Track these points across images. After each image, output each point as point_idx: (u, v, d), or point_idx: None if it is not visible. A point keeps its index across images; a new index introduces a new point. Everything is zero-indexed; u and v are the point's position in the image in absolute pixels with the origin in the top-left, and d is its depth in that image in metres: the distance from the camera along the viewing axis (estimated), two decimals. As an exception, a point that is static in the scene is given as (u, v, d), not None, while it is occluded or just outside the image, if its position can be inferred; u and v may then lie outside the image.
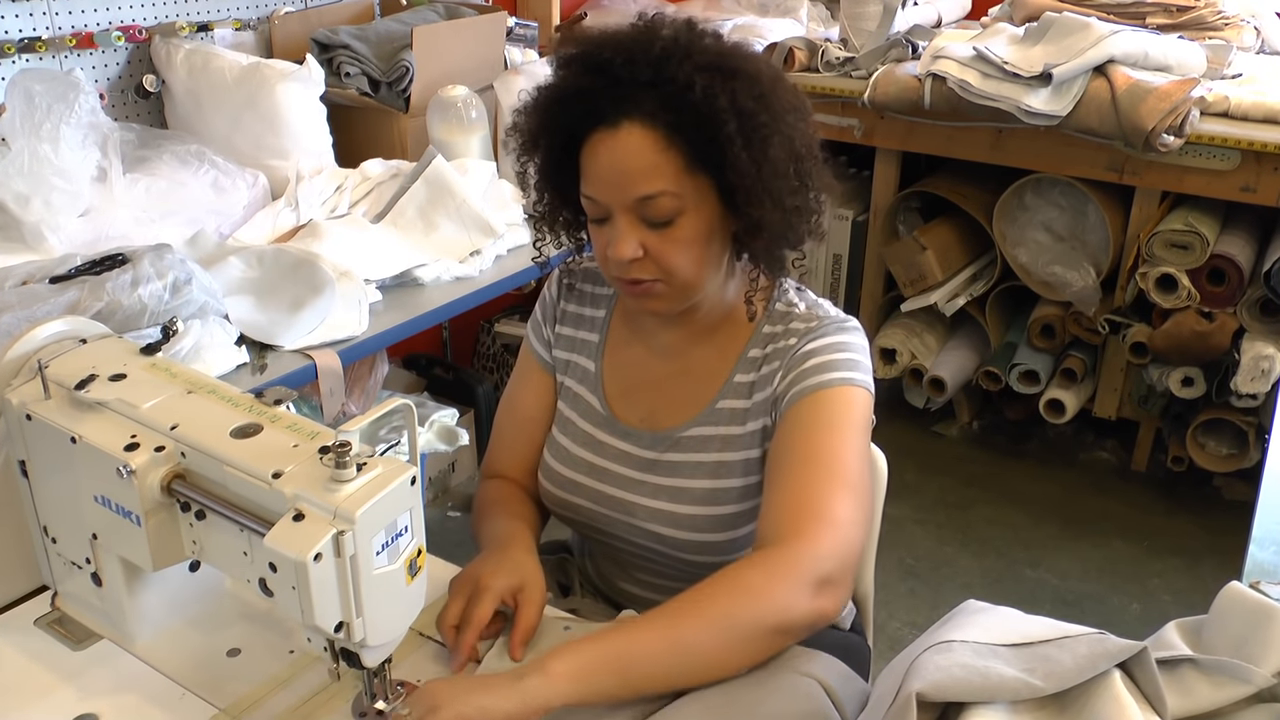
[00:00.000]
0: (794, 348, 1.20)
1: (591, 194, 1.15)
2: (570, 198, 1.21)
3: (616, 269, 1.16)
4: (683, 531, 1.23)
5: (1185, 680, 0.87)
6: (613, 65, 1.10)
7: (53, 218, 1.94)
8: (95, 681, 1.09)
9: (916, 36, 3.18)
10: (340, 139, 2.49)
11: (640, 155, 1.10)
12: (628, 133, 1.10)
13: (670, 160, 1.10)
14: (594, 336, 1.34)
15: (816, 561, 1.03)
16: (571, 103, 1.13)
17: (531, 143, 1.20)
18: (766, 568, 1.03)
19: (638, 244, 1.13)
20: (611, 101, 1.10)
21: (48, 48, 2.20)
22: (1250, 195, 2.65)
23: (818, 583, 1.03)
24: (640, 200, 1.11)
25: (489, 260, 2.21)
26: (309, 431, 0.98)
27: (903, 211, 3.28)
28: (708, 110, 1.08)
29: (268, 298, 1.89)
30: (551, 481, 1.34)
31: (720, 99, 1.08)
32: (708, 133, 1.09)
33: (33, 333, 1.12)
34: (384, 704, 1.02)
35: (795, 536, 1.05)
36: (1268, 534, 1.34)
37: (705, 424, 1.24)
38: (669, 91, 1.08)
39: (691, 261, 1.15)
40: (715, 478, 1.23)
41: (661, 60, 1.09)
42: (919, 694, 0.80)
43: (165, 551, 1.03)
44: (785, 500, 1.10)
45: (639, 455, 1.27)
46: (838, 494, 1.08)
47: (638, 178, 1.10)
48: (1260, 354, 2.64)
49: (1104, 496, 3.07)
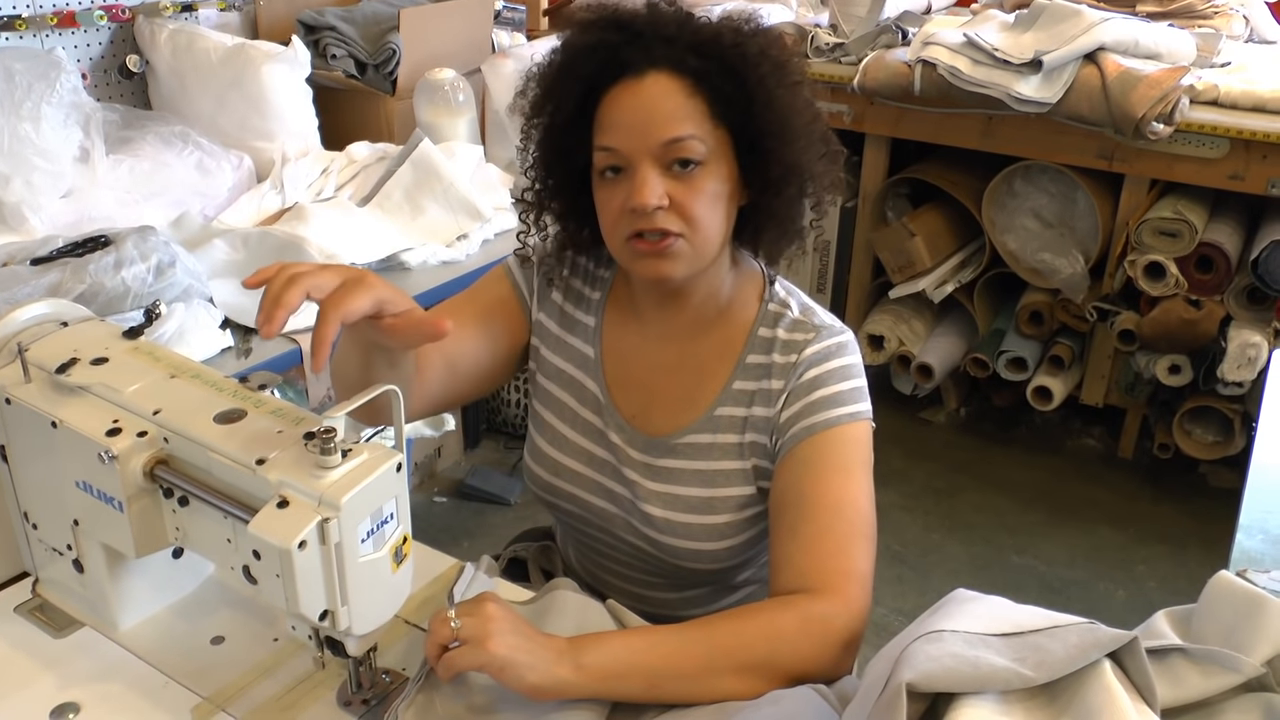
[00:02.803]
0: (796, 368, 1.18)
1: (612, 144, 1.11)
2: (571, 169, 1.18)
3: (636, 221, 1.11)
4: (676, 539, 1.21)
5: (1175, 669, 0.87)
6: (636, 21, 1.11)
7: (34, 198, 1.92)
8: (76, 670, 1.07)
9: (906, 22, 3.17)
10: (326, 121, 2.47)
11: (668, 98, 1.10)
12: (654, 80, 1.10)
13: (697, 106, 1.10)
14: (591, 319, 1.29)
15: (849, 623, 1.04)
16: (594, 56, 1.12)
17: (545, 100, 1.17)
18: (804, 621, 1.04)
19: (663, 191, 1.10)
20: (638, 51, 1.10)
21: (28, 26, 2.18)
22: (1238, 183, 2.65)
23: (847, 645, 1.04)
24: (667, 144, 1.09)
25: (476, 244, 2.20)
26: (294, 417, 0.96)
27: (892, 198, 3.27)
28: (738, 56, 1.09)
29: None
30: (545, 468, 1.30)
31: (751, 45, 1.10)
32: (736, 80, 1.09)
33: (13, 315, 1.11)
34: (368, 693, 1.01)
35: (829, 592, 1.06)
36: (1254, 522, 1.34)
37: (703, 431, 1.22)
38: (697, 40, 1.10)
39: (712, 214, 1.13)
40: (712, 486, 1.21)
41: (687, 16, 1.12)
42: (909, 684, 0.79)
43: (148, 538, 1.02)
44: (813, 551, 1.09)
45: (634, 457, 1.24)
46: (859, 546, 1.10)
47: (667, 120, 1.09)
48: (1247, 342, 2.65)
49: (1091, 483, 3.08)
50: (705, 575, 1.26)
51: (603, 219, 1.16)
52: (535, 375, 1.32)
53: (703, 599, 1.31)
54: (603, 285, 1.30)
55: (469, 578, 1.12)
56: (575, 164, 1.17)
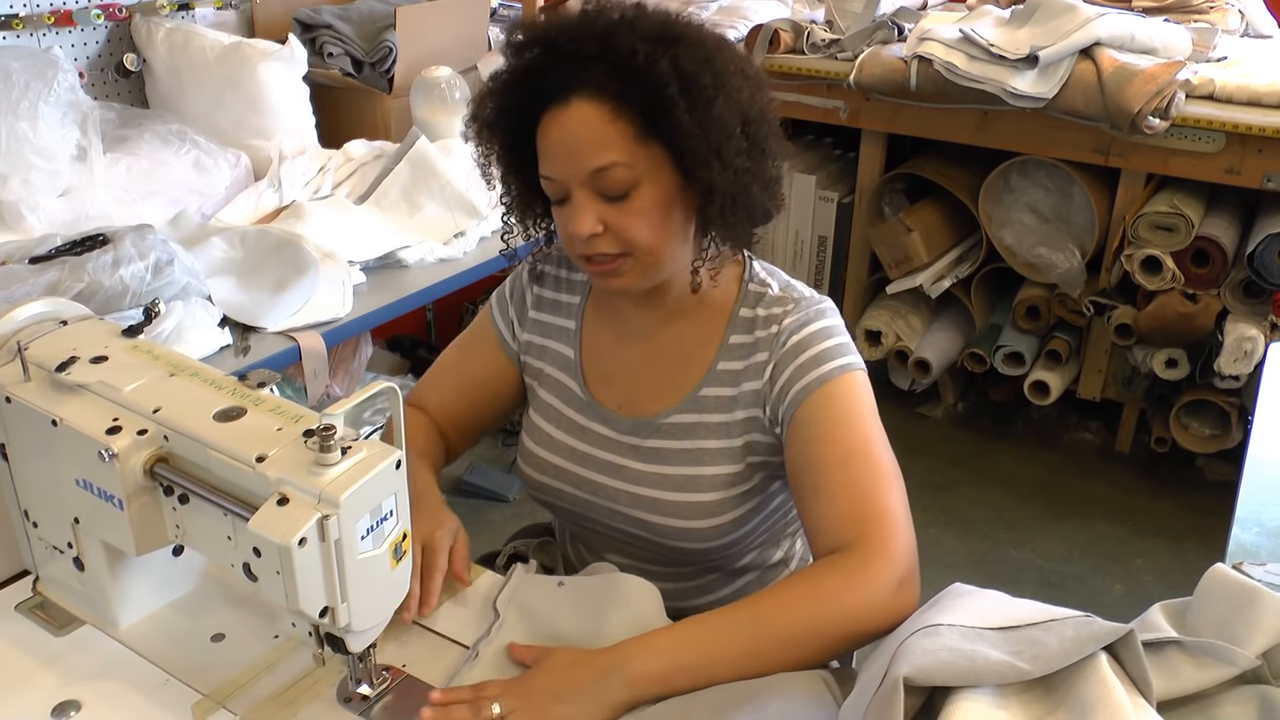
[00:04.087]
0: (778, 337, 1.20)
1: (548, 173, 1.14)
2: (534, 184, 1.20)
3: (579, 246, 1.15)
4: (665, 518, 1.23)
5: (1171, 662, 0.87)
6: (559, 43, 1.11)
7: (31, 197, 1.92)
8: (77, 667, 1.08)
9: (902, 18, 3.17)
10: (323, 119, 2.47)
11: (590, 127, 1.10)
12: (577, 108, 1.10)
13: (620, 131, 1.10)
14: (570, 323, 1.33)
15: (891, 563, 1.04)
16: (522, 84, 1.14)
17: (489, 130, 1.20)
18: (845, 576, 1.04)
19: (596, 219, 1.12)
20: (560, 78, 1.11)
21: (25, 25, 2.17)
22: (1234, 177, 2.66)
23: (900, 584, 1.04)
24: (594, 173, 1.11)
25: (473, 242, 2.20)
26: (293, 415, 0.97)
27: (888, 193, 3.27)
28: (650, 75, 1.08)
29: (250, 279, 1.88)
30: (533, 466, 1.34)
31: (662, 63, 1.08)
32: (653, 99, 1.09)
33: (12, 314, 1.11)
34: (368, 688, 1.02)
35: (864, 540, 1.06)
36: (1250, 515, 1.35)
37: (688, 411, 1.24)
38: (614, 61, 1.09)
39: (652, 232, 1.14)
40: (698, 464, 1.23)
41: (607, 34, 1.11)
42: (906, 678, 0.80)
43: (148, 536, 1.02)
44: (838, 504, 1.10)
45: (620, 441, 1.27)
46: (885, 487, 1.10)
47: (589, 150, 1.10)
48: (1243, 335, 2.65)
49: (1087, 477, 3.08)
50: (699, 556, 1.27)
51: (561, 238, 1.20)
52: (530, 386, 1.37)
53: (706, 587, 1.32)
54: (581, 289, 1.34)
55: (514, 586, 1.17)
56: (531, 182, 1.20)
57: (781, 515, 1.32)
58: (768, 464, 1.23)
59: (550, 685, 0.99)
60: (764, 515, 1.28)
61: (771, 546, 1.35)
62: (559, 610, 1.12)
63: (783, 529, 1.35)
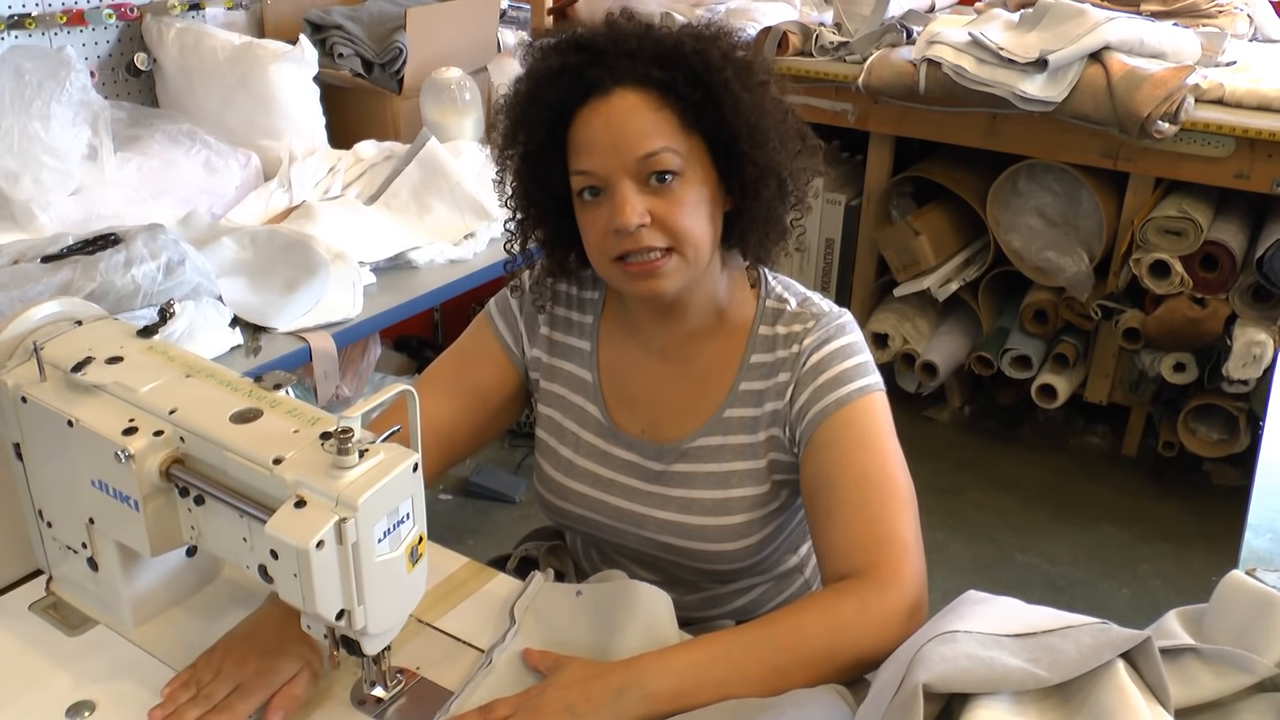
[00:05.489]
0: (799, 356, 1.18)
1: (587, 166, 1.11)
2: (550, 196, 1.18)
3: (622, 242, 1.11)
4: (694, 542, 1.22)
5: (1188, 670, 0.87)
6: (597, 40, 1.11)
7: (43, 196, 1.92)
8: (91, 668, 1.08)
9: (911, 21, 3.17)
10: (333, 120, 2.48)
11: (638, 113, 1.09)
12: (621, 97, 1.10)
13: (667, 118, 1.10)
14: (585, 344, 1.29)
15: (904, 592, 1.04)
16: (559, 81, 1.12)
17: (516, 130, 1.17)
18: (860, 603, 1.04)
19: (643, 209, 1.09)
20: (602, 70, 1.10)
21: (38, 24, 2.18)
22: (1244, 182, 2.65)
23: (910, 615, 1.04)
24: (643, 159, 1.09)
25: (483, 243, 2.20)
26: (309, 417, 0.97)
27: (896, 196, 3.27)
28: (701, 63, 1.09)
29: (261, 279, 1.88)
30: (553, 493, 1.31)
31: (713, 51, 1.10)
32: (702, 87, 1.09)
33: (28, 313, 1.11)
34: (382, 690, 1.02)
35: (875, 569, 1.06)
36: (1263, 521, 1.34)
37: (713, 434, 1.22)
38: (659, 52, 1.09)
39: (699, 222, 1.12)
40: (725, 487, 1.21)
41: (644, 30, 1.11)
42: (925, 685, 0.80)
43: (163, 536, 1.02)
44: (851, 530, 1.09)
45: (645, 466, 1.25)
46: (898, 513, 1.09)
47: (639, 136, 1.09)
48: (1252, 340, 2.65)
49: (1094, 482, 3.08)
50: (723, 576, 1.26)
51: (587, 242, 1.16)
52: (538, 406, 1.33)
53: (720, 599, 1.32)
54: (593, 308, 1.30)
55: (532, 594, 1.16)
56: (554, 190, 1.17)
57: (800, 523, 1.31)
58: (790, 481, 1.22)
59: (565, 700, 0.97)
60: (788, 529, 1.28)
61: (788, 553, 1.34)
62: (576, 620, 1.12)
63: (801, 535, 1.34)
